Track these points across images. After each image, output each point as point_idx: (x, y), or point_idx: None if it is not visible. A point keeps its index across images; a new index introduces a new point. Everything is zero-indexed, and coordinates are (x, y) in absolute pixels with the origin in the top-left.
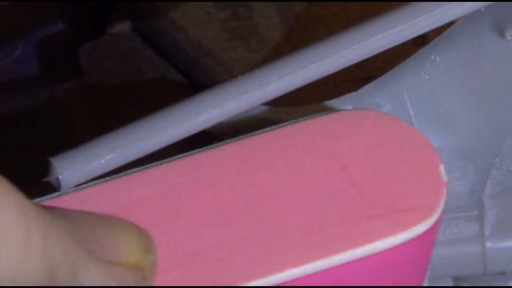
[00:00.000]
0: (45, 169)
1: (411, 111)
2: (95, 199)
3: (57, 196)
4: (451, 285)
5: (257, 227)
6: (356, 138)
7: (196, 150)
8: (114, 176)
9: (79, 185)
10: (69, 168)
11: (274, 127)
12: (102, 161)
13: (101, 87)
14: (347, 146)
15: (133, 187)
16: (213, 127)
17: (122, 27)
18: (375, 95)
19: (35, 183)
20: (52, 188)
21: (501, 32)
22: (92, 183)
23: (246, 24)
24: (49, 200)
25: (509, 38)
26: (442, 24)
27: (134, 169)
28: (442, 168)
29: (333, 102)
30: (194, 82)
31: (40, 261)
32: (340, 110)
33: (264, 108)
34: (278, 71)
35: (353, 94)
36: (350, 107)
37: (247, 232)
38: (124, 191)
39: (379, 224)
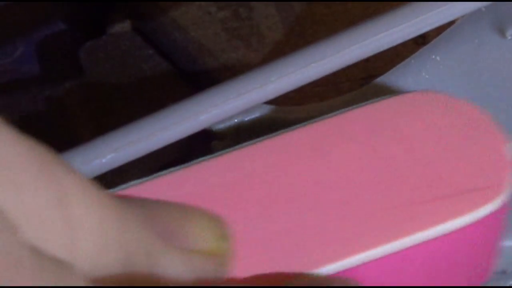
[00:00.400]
0: None
1: None
2: (165, 189)
3: (128, 186)
4: None
5: (327, 211)
6: (420, 120)
7: (262, 138)
8: (181, 166)
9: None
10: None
11: (338, 111)
12: (103, 161)
13: (101, 87)
14: (412, 129)
15: (202, 175)
16: (213, 127)
17: (123, 27)
18: (375, 94)
19: None
20: None
21: (501, 32)
22: (160, 173)
23: (247, 24)
24: (120, 191)
25: (509, 37)
26: (442, 24)
27: (202, 158)
28: (507, 147)
29: (333, 102)
30: (195, 82)
31: (117, 250)
32: (401, 93)
33: (265, 107)
34: (278, 71)
35: (353, 93)
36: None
37: (318, 216)
38: (193, 180)
39: (447, 205)
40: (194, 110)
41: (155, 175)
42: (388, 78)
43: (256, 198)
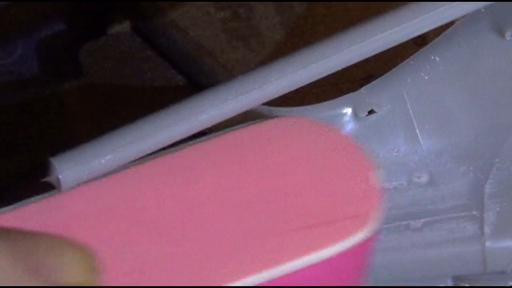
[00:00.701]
0: (45, 169)
1: (411, 111)
2: (36, 217)
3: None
4: (450, 285)
5: (190, 241)
6: (288, 147)
7: (131, 163)
8: (53, 191)
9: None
10: (70, 168)
11: (205, 137)
12: (102, 161)
13: (101, 87)
14: (280, 155)
15: (73, 202)
16: (213, 127)
17: (122, 27)
18: (375, 95)
19: (35, 183)
20: (52, 188)
21: (501, 32)
22: (30, 199)
23: (246, 24)
24: None
25: (508, 38)
26: (442, 24)
27: None
28: (376, 174)
29: (332, 102)
30: (194, 82)
31: None
32: (271, 117)
33: (264, 108)
34: (278, 71)
35: (353, 94)
36: (350, 107)
37: (182, 246)
38: (64, 207)
39: (316, 234)
40: (193, 111)
41: (26, 200)
42: (387, 79)
43: (125, 226)
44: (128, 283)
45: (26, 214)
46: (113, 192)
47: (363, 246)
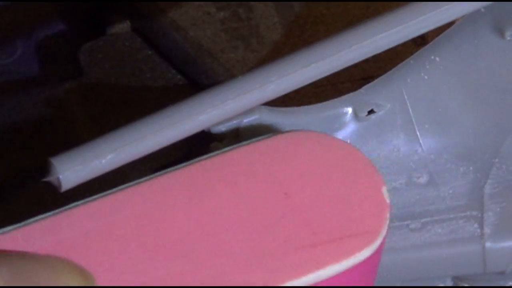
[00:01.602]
0: (46, 169)
1: (410, 111)
2: (37, 237)
3: None
4: (450, 285)
5: (199, 259)
6: (297, 162)
7: (137, 181)
8: (55, 211)
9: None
10: (70, 168)
11: (213, 153)
12: (103, 161)
13: (101, 87)
14: (289, 171)
15: (74, 222)
16: (212, 128)
17: (122, 27)
18: (375, 95)
19: (35, 183)
20: (52, 188)
21: (501, 32)
22: (32, 219)
23: (246, 24)
24: None
25: (508, 38)
26: (442, 24)
27: (75, 203)
28: (384, 190)
29: (332, 102)
30: (194, 82)
31: None
32: (281, 132)
33: (264, 108)
34: (278, 71)
35: (353, 94)
36: (350, 107)
37: (190, 264)
38: (65, 227)
39: (322, 252)
40: (193, 111)
41: (28, 221)
42: (387, 79)
43: (129, 244)
44: None
45: (26, 235)
46: (119, 210)
47: (371, 259)
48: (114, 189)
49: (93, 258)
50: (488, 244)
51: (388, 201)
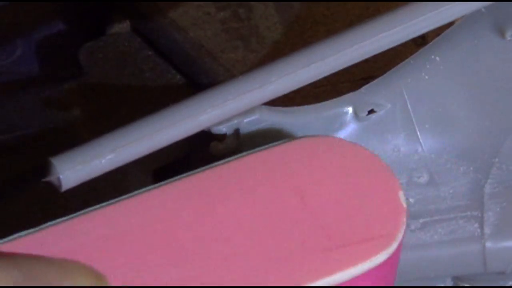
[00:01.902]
0: (46, 169)
1: (411, 111)
2: (50, 243)
3: (11, 240)
4: (450, 284)
5: (215, 263)
6: (313, 167)
7: (153, 186)
8: (68, 217)
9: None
10: (70, 168)
11: (231, 158)
12: (103, 161)
13: (101, 87)
14: (306, 175)
15: (88, 227)
16: (213, 127)
17: (122, 27)
18: (375, 94)
19: (35, 183)
20: (53, 188)
21: (501, 33)
22: (46, 225)
23: (246, 24)
24: (3, 244)
25: (509, 38)
26: (442, 25)
27: (88, 209)
28: (401, 194)
29: (333, 102)
30: (194, 82)
31: None
32: (298, 137)
33: (264, 108)
34: (278, 71)
35: (353, 93)
36: (350, 107)
37: (205, 268)
38: (79, 232)
39: (339, 255)
40: (193, 111)
41: (42, 226)
42: (387, 79)
43: (142, 249)
44: None
45: (39, 240)
46: (133, 215)
47: (388, 263)
48: (128, 194)
49: (107, 262)
50: (488, 244)
51: (404, 205)
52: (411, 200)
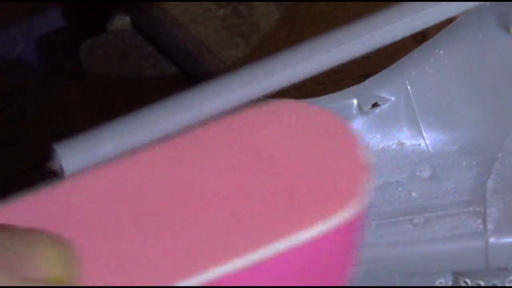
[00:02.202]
0: (46, 168)
1: (414, 105)
2: (21, 212)
3: None
4: (450, 279)
5: (182, 226)
6: (277, 130)
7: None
8: (41, 187)
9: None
10: (73, 155)
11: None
12: (106, 148)
13: (101, 85)
14: (268, 139)
15: (60, 196)
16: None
17: (123, 24)
18: (379, 88)
19: (35, 182)
20: (55, 176)
21: (505, 28)
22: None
23: (247, 21)
24: None
25: None
26: (443, 20)
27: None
28: (361, 152)
29: (337, 95)
30: (195, 79)
31: None
32: (261, 103)
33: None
34: (283, 62)
35: (357, 86)
36: (354, 100)
37: (173, 232)
38: (52, 201)
39: (301, 214)
40: (198, 100)
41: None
42: (391, 72)
43: (114, 215)
44: (112, 273)
45: (14, 209)
46: (106, 183)
47: (351, 224)
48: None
49: (79, 230)
50: (491, 240)
51: (365, 162)
52: (413, 194)
